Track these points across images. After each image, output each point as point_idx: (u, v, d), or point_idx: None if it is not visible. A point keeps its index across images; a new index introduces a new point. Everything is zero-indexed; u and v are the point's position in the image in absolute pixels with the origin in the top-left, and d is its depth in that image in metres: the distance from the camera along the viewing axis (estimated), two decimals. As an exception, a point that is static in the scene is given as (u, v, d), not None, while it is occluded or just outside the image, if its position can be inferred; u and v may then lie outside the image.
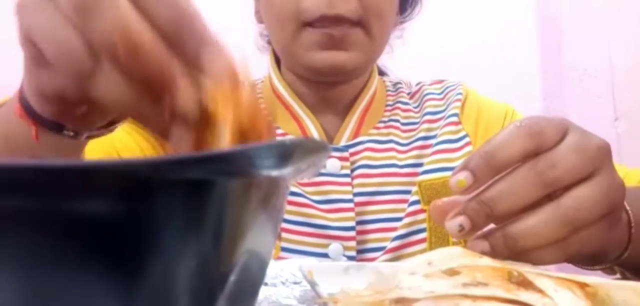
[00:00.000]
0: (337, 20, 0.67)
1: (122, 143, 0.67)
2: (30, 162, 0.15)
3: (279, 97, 0.77)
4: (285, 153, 0.19)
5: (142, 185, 0.17)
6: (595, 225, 0.37)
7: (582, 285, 0.30)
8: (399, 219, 0.70)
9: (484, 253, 0.36)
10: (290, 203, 0.69)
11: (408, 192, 0.72)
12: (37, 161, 0.15)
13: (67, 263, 0.17)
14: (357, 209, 0.70)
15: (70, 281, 0.17)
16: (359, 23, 0.68)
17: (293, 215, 0.68)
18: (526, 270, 0.31)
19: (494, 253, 0.36)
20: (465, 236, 0.38)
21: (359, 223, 0.69)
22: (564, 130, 0.39)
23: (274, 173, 0.20)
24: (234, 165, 0.18)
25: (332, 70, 0.70)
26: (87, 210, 0.17)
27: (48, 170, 0.15)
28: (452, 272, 0.31)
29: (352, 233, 0.68)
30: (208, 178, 0.18)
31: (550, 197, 0.37)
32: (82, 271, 0.17)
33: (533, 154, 0.37)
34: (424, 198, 0.70)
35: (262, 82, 0.83)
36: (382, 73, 0.89)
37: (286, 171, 0.20)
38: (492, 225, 0.39)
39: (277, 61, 0.80)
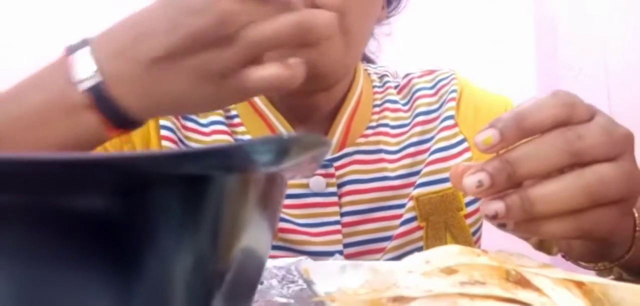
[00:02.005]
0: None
1: None
2: (24, 155, 0.15)
3: (253, 105, 0.69)
4: (283, 149, 0.19)
5: (139, 179, 0.17)
6: (612, 206, 0.37)
7: (579, 284, 0.30)
8: (392, 237, 0.65)
9: (498, 215, 0.35)
10: None
11: (401, 206, 0.66)
12: (31, 154, 0.15)
13: (63, 258, 0.17)
14: (345, 230, 0.65)
15: (65, 276, 0.17)
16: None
17: (277, 241, 0.63)
18: (524, 269, 0.31)
19: (508, 215, 0.35)
20: (482, 195, 0.36)
21: (347, 245, 0.65)
22: (593, 112, 0.39)
23: (272, 168, 0.20)
24: (232, 160, 0.18)
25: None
26: (83, 204, 0.17)
27: (43, 164, 0.15)
28: (449, 271, 0.31)
29: (339, 258, 0.62)
30: (205, 173, 0.18)
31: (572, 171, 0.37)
32: (78, 267, 0.17)
33: (562, 124, 0.37)
34: (421, 214, 0.65)
35: None
36: (368, 60, 0.82)
37: (284, 166, 0.20)
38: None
39: None
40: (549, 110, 0.37)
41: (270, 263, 0.43)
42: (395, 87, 0.75)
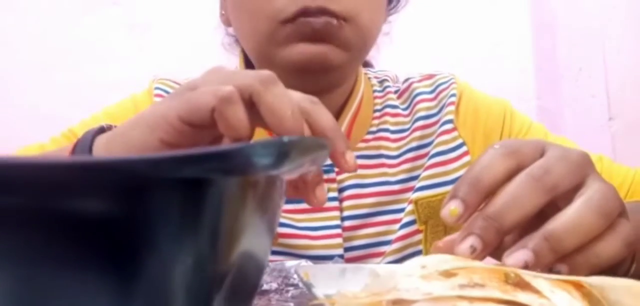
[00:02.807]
0: (320, 12, 0.59)
1: None
2: (26, 158, 0.15)
3: None
4: (283, 152, 0.19)
5: (139, 182, 0.17)
6: (624, 214, 0.37)
7: (578, 286, 0.30)
8: (391, 241, 0.66)
9: (527, 264, 0.34)
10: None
11: (400, 211, 0.67)
12: (32, 158, 0.15)
13: (63, 261, 0.17)
14: (346, 234, 0.65)
15: (66, 278, 0.17)
16: (348, 19, 0.60)
17: (278, 246, 0.64)
18: (523, 271, 0.31)
19: (538, 261, 0.34)
20: (477, 258, 0.35)
21: (348, 249, 0.65)
22: (541, 149, 0.39)
23: (272, 171, 0.20)
24: (231, 163, 0.18)
25: (313, 64, 0.60)
26: (83, 206, 0.17)
27: (44, 167, 0.15)
28: (449, 274, 0.31)
29: (339, 260, 0.63)
30: (205, 176, 0.18)
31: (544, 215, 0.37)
32: (78, 269, 0.17)
33: (516, 172, 0.37)
34: (421, 218, 0.66)
35: None
36: (366, 64, 0.82)
37: (283, 170, 0.20)
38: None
39: (249, 66, 0.71)
40: (499, 165, 0.37)
41: (270, 267, 0.42)
42: (395, 92, 0.75)
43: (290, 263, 0.43)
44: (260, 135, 0.69)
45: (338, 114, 0.69)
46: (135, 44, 1.55)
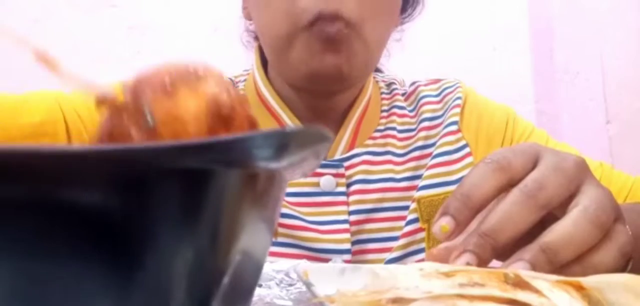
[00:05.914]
0: (334, 17, 0.61)
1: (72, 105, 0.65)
2: (22, 147, 0.14)
3: (265, 104, 0.71)
4: (283, 143, 0.18)
5: (139, 171, 0.17)
6: (621, 220, 0.38)
7: (578, 287, 0.30)
8: (397, 238, 0.67)
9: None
10: (284, 226, 0.64)
11: (405, 208, 0.68)
12: (30, 146, 0.14)
13: (60, 252, 0.17)
14: (353, 228, 0.66)
15: (63, 270, 0.17)
16: (355, 27, 0.62)
17: (286, 238, 0.65)
18: (522, 272, 0.31)
19: (535, 270, 0.34)
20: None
21: (355, 243, 0.66)
22: (534, 156, 0.39)
23: (273, 163, 0.19)
24: (232, 153, 0.18)
25: (329, 75, 0.63)
26: (82, 197, 0.16)
27: (41, 156, 0.15)
28: (448, 273, 0.31)
29: (347, 256, 0.65)
30: (205, 166, 0.18)
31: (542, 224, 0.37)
32: (76, 261, 0.17)
33: (507, 186, 0.38)
34: (423, 216, 0.67)
35: (245, 80, 0.76)
36: (376, 69, 0.83)
37: (284, 163, 0.20)
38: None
39: (264, 62, 0.74)
40: (488, 182, 0.38)
41: (269, 266, 0.42)
42: (403, 94, 0.77)
43: (290, 262, 0.43)
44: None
45: (346, 113, 0.71)
46: (133, 45, 1.55)
